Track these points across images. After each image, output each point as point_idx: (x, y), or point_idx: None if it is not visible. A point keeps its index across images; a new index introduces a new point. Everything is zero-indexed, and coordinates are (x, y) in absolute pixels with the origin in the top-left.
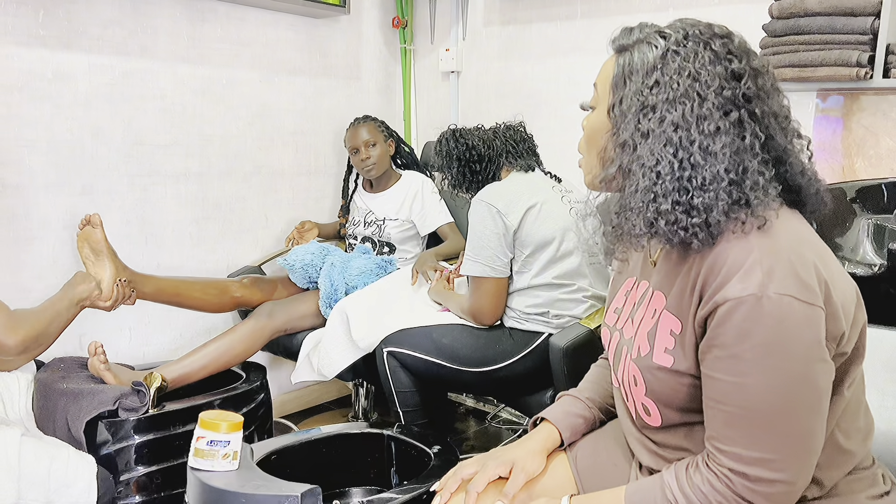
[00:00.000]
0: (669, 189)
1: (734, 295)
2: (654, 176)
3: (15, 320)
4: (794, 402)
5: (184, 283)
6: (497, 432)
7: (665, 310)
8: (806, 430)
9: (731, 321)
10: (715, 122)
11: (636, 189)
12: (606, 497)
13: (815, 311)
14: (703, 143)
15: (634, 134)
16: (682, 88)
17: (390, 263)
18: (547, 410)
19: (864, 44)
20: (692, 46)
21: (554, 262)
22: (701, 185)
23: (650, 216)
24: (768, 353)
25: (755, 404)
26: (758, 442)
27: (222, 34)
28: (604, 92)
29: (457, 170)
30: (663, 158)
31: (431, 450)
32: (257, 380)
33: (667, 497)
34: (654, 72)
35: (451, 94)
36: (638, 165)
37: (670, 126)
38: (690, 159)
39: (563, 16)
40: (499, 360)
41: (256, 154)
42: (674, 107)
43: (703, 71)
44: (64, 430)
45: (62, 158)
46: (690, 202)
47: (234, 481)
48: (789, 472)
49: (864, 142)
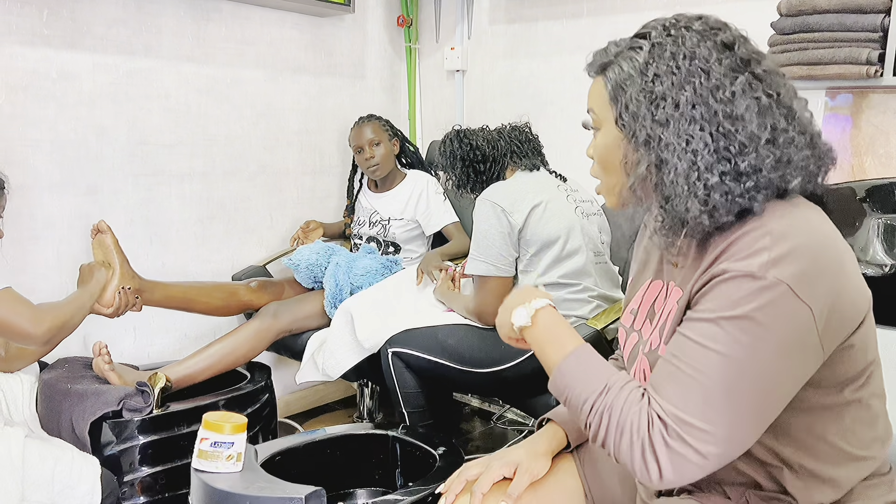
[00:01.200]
0: (712, 161)
1: (733, 268)
2: (692, 154)
3: (40, 312)
4: (748, 385)
5: (192, 289)
6: (503, 433)
7: (677, 303)
8: (746, 417)
9: (720, 289)
10: (728, 89)
11: (676, 175)
12: (565, 336)
13: (805, 311)
14: (726, 111)
15: (654, 127)
16: (683, 70)
17: (395, 263)
18: (553, 412)
19: (874, 41)
20: (676, 33)
21: (559, 261)
22: (740, 150)
23: (702, 194)
24: (744, 330)
25: (710, 372)
26: (692, 406)
27: (227, 33)
28: (603, 111)
29: (461, 170)
30: (694, 136)
31: (436, 451)
32: (262, 380)
33: (604, 385)
34: (650, 67)
35: (456, 92)
36: (670, 153)
37: (688, 106)
38: (720, 129)
39: (569, 14)
40: (504, 361)
41: (261, 153)
42: (683, 88)
43: (696, 49)
44: (68, 430)
45: (67, 158)
46: (737, 169)
47: (237, 483)
48: (709, 448)
49: (874, 140)
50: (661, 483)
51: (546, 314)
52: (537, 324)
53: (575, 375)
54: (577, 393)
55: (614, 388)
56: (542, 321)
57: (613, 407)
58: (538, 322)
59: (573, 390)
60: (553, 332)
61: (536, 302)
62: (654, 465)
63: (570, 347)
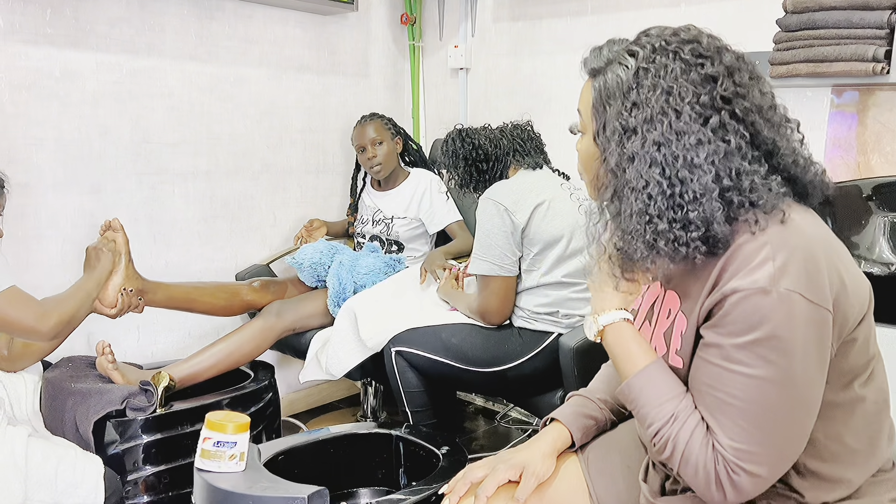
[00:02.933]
0: (663, 208)
1: (743, 286)
2: (646, 198)
3: (45, 308)
4: (787, 400)
5: (195, 289)
6: (506, 432)
7: (679, 311)
8: (792, 430)
9: (737, 311)
10: (695, 135)
11: (631, 213)
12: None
13: (821, 313)
14: (688, 157)
15: (621, 159)
16: (657, 106)
17: (399, 262)
18: (557, 411)
19: (881, 38)
20: (661, 60)
21: (563, 260)
22: (693, 199)
23: (649, 238)
24: (771, 349)
25: (750, 397)
26: (746, 434)
27: (230, 32)
28: (587, 117)
29: (464, 169)
30: (651, 179)
31: (440, 450)
32: (265, 379)
33: (671, 414)
34: (631, 93)
35: (459, 90)
36: (629, 189)
37: (653, 146)
38: (678, 175)
39: (572, 11)
40: (508, 360)
41: (265, 152)
42: (653, 126)
43: (674, 84)
44: (72, 429)
45: (70, 157)
46: (687, 217)
47: (240, 482)
48: (767, 468)
49: (881, 138)
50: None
51: (613, 331)
52: (605, 339)
53: (642, 395)
54: (643, 413)
55: (680, 418)
56: (610, 337)
57: (679, 439)
58: (605, 338)
59: (641, 409)
60: (621, 347)
61: (603, 317)
62: (720, 494)
63: (640, 364)
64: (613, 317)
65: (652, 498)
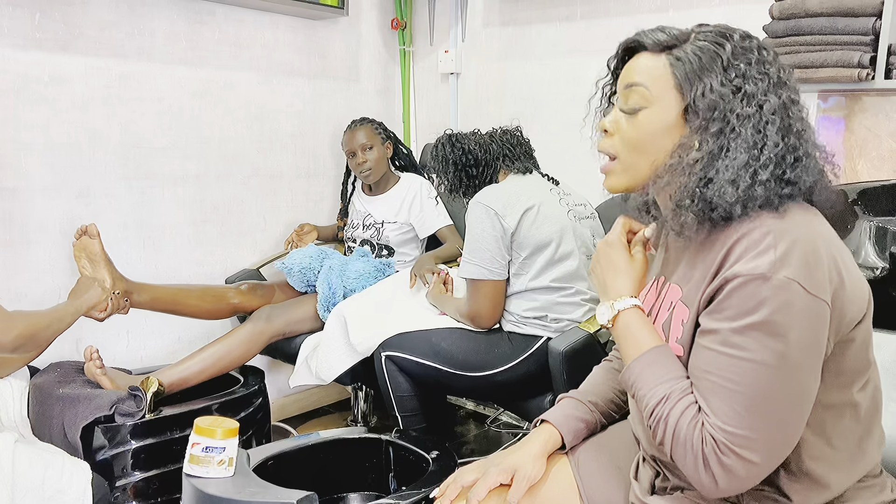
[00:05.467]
0: (769, 163)
1: (744, 271)
2: (757, 151)
3: (11, 318)
4: (782, 387)
5: (181, 291)
6: (497, 436)
7: (679, 300)
8: (785, 417)
9: (735, 296)
10: (801, 108)
11: (731, 163)
12: (643, 338)
13: (818, 304)
14: (796, 127)
15: (734, 120)
16: (773, 77)
17: (389, 266)
18: (548, 413)
19: (866, 45)
20: (754, 43)
21: (552, 264)
22: (794, 162)
23: (745, 185)
24: (768, 334)
25: (744, 381)
26: (738, 417)
27: (220, 36)
28: (662, 90)
29: (453, 174)
30: (768, 137)
31: (430, 455)
32: (255, 384)
33: (664, 395)
34: (735, 67)
35: (450, 95)
36: (737, 144)
37: (769, 111)
38: (787, 140)
39: (562, 17)
40: (497, 365)
41: (255, 156)
42: (771, 94)
43: (777, 62)
44: (60, 435)
45: (59, 161)
46: (784, 176)
47: (229, 488)
48: (759, 454)
49: (866, 143)
50: (717, 492)
51: (627, 317)
52: (617, 324)
53: (641, 377)
54: (640, 395)
55: (672, 398)
56: (622, 322)
57: (670, 418)
58: (618, 323)
59: (639, 391)
60: (631, 332)
61: (619, 303)
62: (709, 478)
63: (644, 348)
64: (627, 303)
65: (642, 496)
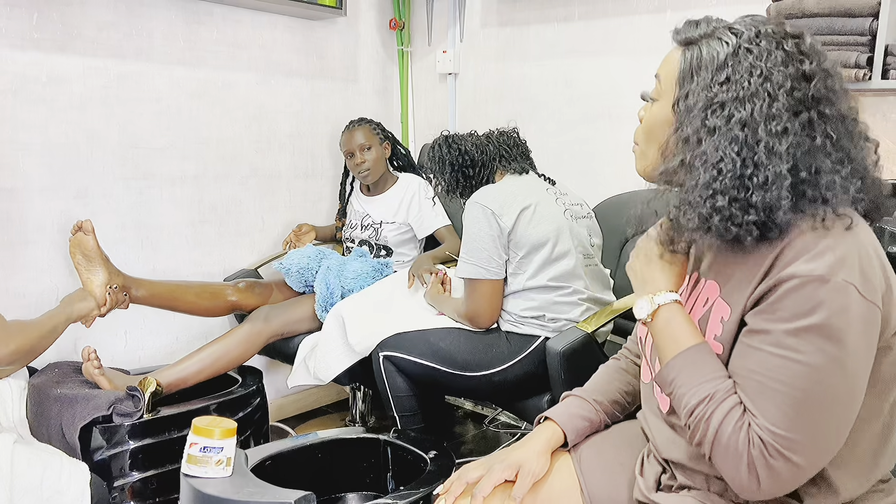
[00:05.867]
0: (728, 186)
1: (801, 272)
2: (716, 172)
3: (8, 332)
4: (832, 390)
5: (178, 287)
6: (495, 436)
7: (719, 297)
8: (834, 422)
9: (793, 297)
10: (783, 123)
11: (696, 184)
12: (684, 334)
13: (872, 310)
14: (769, 143)
15: (700, 130)
16: (752, 87)
17: (387, 266)
18: (552, 410)
19: (863, 45)
20: (765, 45)
21: (549, 263)
22: (762, 184)
23: (705, 212)
24: (823, 336)
25: (796, 383)
26: (788, 420)
27: (218, 36)
28: (668, 85)
29: (450, 175)
30: (727, 156)
31: (428, 455)
32: (253, 384)
33: (708, 394)
34: (725, 68)
35: (448, 96)
36: (700, 161)
37: (737, 124)
38: (754, 158)
39: (560, 17)
40: (495, 364)
41: (253, 157)
42: (743, 105)
43: (774, 70)
44: (58, 435)
45: (57, 162)
46: (749, 200)
47: (227, 488)
48: (806, 458)
49: None
50: (758, 494)
51: (667, 312)
52: (657, 319)
53: (682, 374)
54: (680, 393)
55: (717, 398)
56: (662, 318)
57: (713, 418)
58: (658, 318)
59: (678, 388)
60: (671, 328)
61: (660, 297)
62: (752, 479)
63: (684, 345)
64: (668, 297)
65: (647, 493)
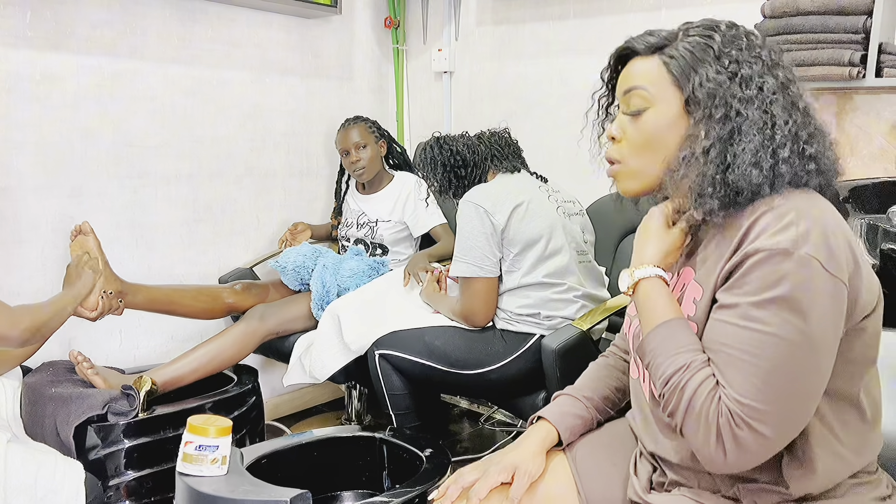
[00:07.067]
0: (786, 140)
1: (766, 246)
2: (770, 130)
3: (16, 314)
4: (798, 362)
5: (176, 291)
6: (491, 434)
7: (693, 280)
8: (801, 393)
9: (758, 270)
10: (798, 86)
11: (747, 145)
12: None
13: (837, 285)
14: (799, 104)
15: (737, 104)
16: (767, 60)
17: (383, 265)
18: (545, 410)
19: (857, 43)
20: (742, 30)
21: (542, 260)
22: (809, 138)
23: (767, 165)
24: (788, 309)
25: (763, 354)
26: (755, 390)
27: (213, 35)
28: (660, 89)
29: (442, 175)
30: (777, 115)
31: (423, 453)
32: (249, 383)
33: (684, 363)
34: (727, 54)
35: (444, 94)
36: (749, 126)
37: (770, 91)
38: (793, 116)
39: (555, 16)
40: (491, 363)
41: (248, 155)
42: (768, 74)
43: (768, 45)
44: (53, 435)
45: (51, 160)
46: (804, 152)
47: (222, 486)
48: (772, 428)
49: (857, 141)
50: (724, 466)
51: (647, 285)
52: (637, 292)
53: (661, 345)
54: (657, 363)
55: (692, 367)
56: (642, 291)
57: (687, 388)
58: (638, 291)
59: (656, 359)
60: (651, 301)
61: (640, 271)
62: (719, 451)
63: (662, 318)
64: (649, 272)
65: (643, 493)
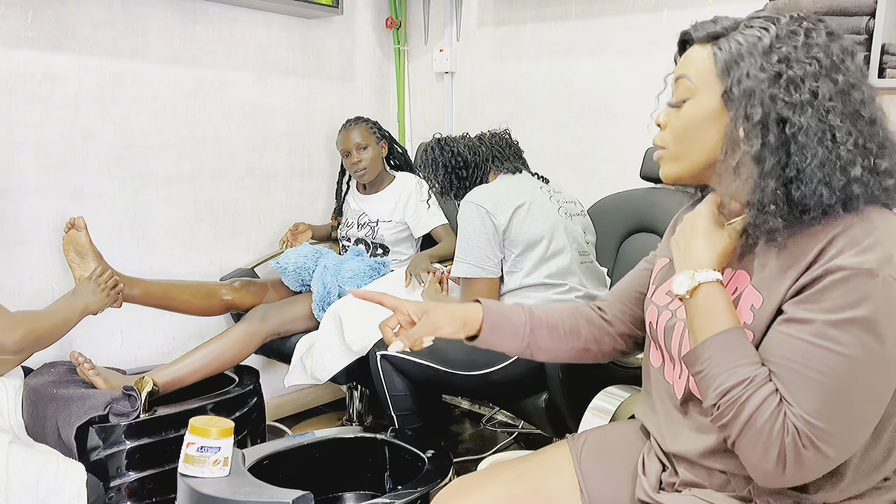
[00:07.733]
0: (854, 155)
1: (849, 265)
2: (831, 143)
3: (13, 320)
4: (869, 385)
5: (173, 286)
6: (492, 435)
7: (750, 286)
8: (866, 417)
9: (839, 289)
10: (865, 92)
11: (812, 159)
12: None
13: None
14: (865, 113)
15: (782, 109)
16: (825, 63)
17: (384, 265)
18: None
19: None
20: (807, 25)
21: (544, 260)
22: (879, 150)
23: (838, 183)
24: (865, 330)
25: (834, 374)
26: (823, 410)
27: (214, 35)
28: (704, 80)
29: (444, 176)
30: (836, 126)
31: (425, 454)
32: (250, 383)
33: (747, 377)
34: (777, 50)
35: (445, 94)
36: (808, 138)
37: (825, 98)
38: (857, 126)
39: (557, 16)
40: (492, 364)
41: (249, 156)
42: (824, 79)
43: (830, 45)
44: (54, 435)
45: (52, 161)
46: (877, 168)
47: (224, 488)
48: (835, 449)
49: None
50: (780, 481)
51: (708, 290)
52: (696, 296)
53: (718, 354)
54: (714, 372)
55: (756, 382)
56: (703, 296)
57: (749, 403)
58: (697, 296)
59: (713, 368)
60: (711, 307)
61: (701, 275)
62: (778, 467)
63: (722, 326)
64: (710, 276)
65: (651, 493)
